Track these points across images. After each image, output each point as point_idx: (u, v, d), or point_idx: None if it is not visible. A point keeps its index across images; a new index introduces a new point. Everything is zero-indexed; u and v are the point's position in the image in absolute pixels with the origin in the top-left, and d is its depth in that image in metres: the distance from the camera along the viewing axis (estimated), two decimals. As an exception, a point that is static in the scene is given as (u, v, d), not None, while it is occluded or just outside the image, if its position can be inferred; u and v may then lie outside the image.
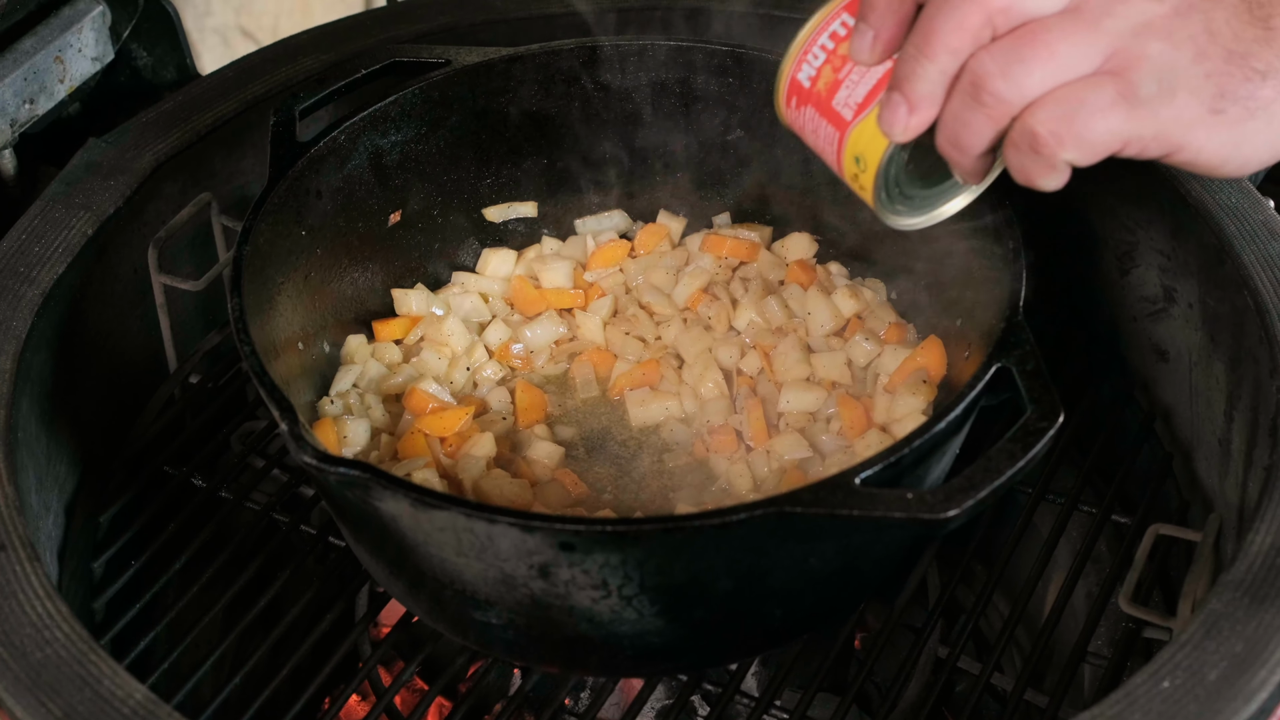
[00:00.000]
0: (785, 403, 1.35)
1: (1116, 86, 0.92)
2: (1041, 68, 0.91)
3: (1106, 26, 0.92)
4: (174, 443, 1.45)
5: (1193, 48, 0.92)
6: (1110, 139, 0.93)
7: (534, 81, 1.45)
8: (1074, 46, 0.92)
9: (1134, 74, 0.92)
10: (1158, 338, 1.47)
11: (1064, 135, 0.92)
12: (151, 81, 1.62)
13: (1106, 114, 0.92)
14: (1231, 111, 0.93)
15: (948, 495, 1.00)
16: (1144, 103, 0.92)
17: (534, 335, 1.44)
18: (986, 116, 0.94)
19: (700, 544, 1.05)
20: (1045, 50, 0.91)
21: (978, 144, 0.96)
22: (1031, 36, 0.91)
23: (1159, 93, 0.92)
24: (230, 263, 1.22)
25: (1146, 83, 0.92)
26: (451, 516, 1.04)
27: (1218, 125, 0.94)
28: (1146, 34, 0.92)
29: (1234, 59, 0.92)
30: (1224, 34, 0.92)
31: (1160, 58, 0.92)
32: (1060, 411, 1.04)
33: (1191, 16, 0.92)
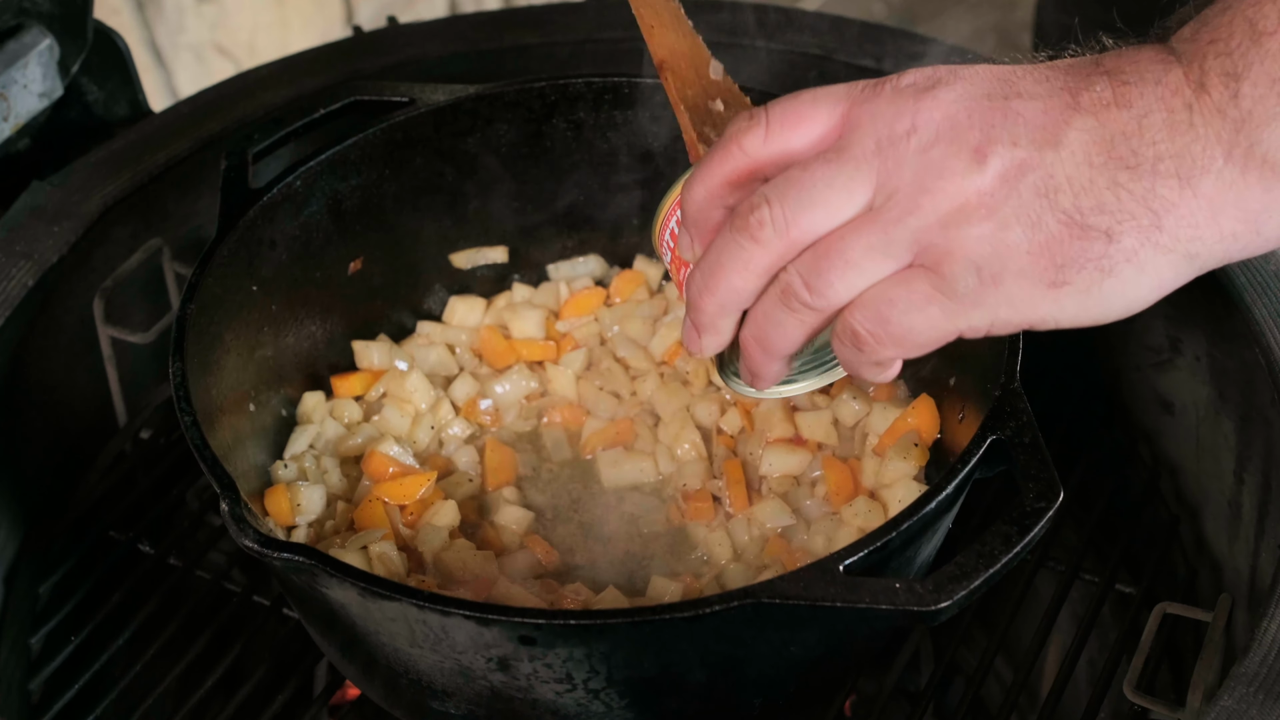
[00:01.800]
0: (767, 465, 1.29)
1: (930, 281, 0.85)
2: (840, 277, 0.87)
3: (907, 223, 0.85)
4: (122, 503, 1.40)
5: (1021, 220, 0.82)
6: (933, 334, 0.88)
7: (504, 121, 1.39)
8: (870, 250, 0.86)
9: (946, 268, 0.84)
10: (1162, 389, 1.41)
11: (881, 335, 0.88)
12: (103, 118, 1.56)
13: (923, 310, 0.86)
14: (1078, 280, 0.83)
15: (938, 585, 0.94)
16: (964, 295, 0.85)
17: (504, 391, 1.38)
18: (798, 320, 0.91)
19: (671, 636, 0.99)
20: (840, 260, 0.87)
21: (785, 346, 0.93)
22: (827, 247, 0.87)
23: (980, 282, 0.84)
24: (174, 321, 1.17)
25: (962, 276, 0.84)
26: (402, 608, 0.99)
27: (1065, 296, 0.84)
28: (959, 220, 0.83)
29: (1074, 223, 0.82)
30: (1065, 192, 0.82)
31: (976, 245, 0.83)
32: (1060, 490, 0.98)
33: (1022, 182, 0.82)
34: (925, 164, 0.84)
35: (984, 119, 0.83)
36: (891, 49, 1.52)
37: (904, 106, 0.85)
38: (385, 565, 1.18)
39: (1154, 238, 0.81)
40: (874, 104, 0.87)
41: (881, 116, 0.86)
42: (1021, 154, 0.82)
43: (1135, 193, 0.80)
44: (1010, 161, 0.82)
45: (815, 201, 0.87)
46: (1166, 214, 0.81)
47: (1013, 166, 0.82)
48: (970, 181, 0.83)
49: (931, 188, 0.83)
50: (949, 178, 0.83)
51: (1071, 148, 0.81)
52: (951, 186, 0.83)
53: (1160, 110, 0.81)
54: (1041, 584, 1.36)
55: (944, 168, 0.83)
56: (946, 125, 0.84)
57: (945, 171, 0.83)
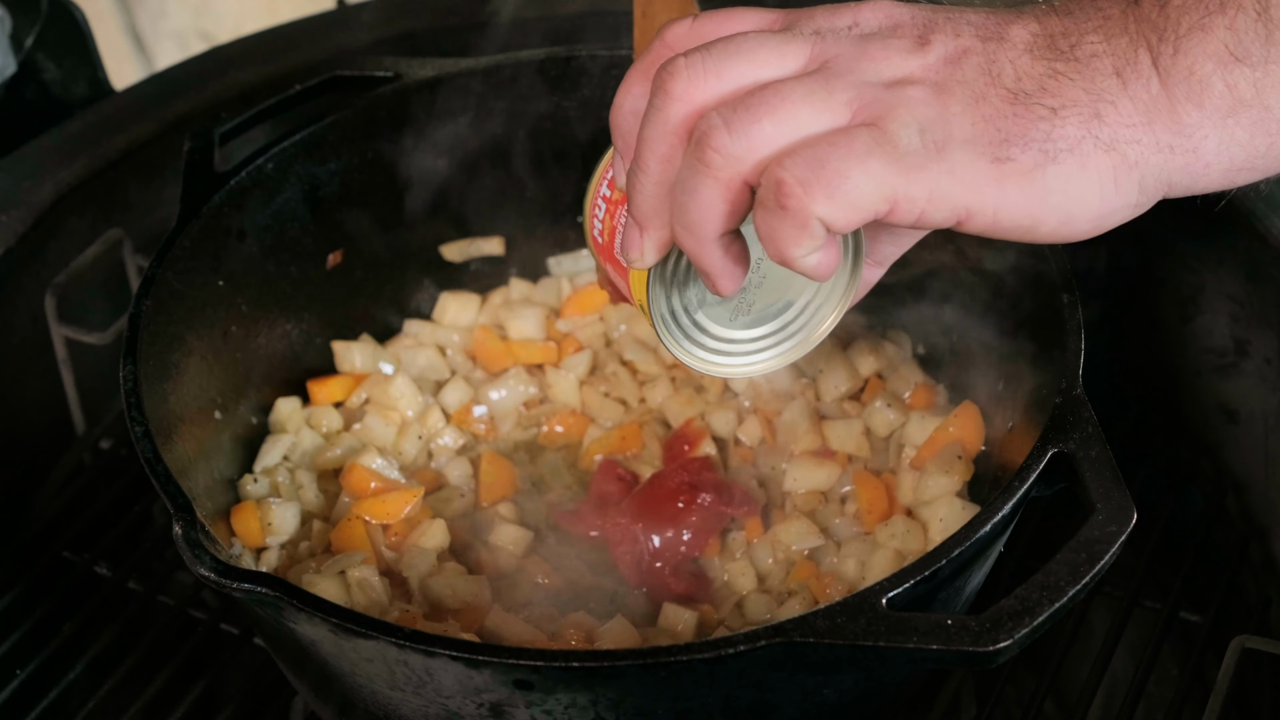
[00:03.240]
0: (791, 480, 1.21)
1: (872, 134, 0.80)
2: (771, 117, 0.81)
3: (850, 79, 0.82)
4: (79, 521, 1.34)
5: (965, 92, 0.81)
6: (870, 190, 0.79)
7: (498, 98, 1.33)
8: (810, 94, 0.81)
9: (890, 123, 0.80)
10: (1226, 396, 1.33)
11: (812, 182, 0.79)
12: (61, 98, 1.50)
13: (864, 160, 0.79)
14: (1022, 158, 0.80)
15: (996, 623, 0.85)
16: (907, 154, 0.80)
17: (499, 397, 1.31)
18: (713, 179, 0.82)
19: (689, 680, 0.90)
20: (776, 99, 0.81)
21: (710, 218, 0.84)
22: (761, 91, 0.82)
23: (924, 145, 0.80)
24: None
25: (906, 132, 0.80)
26: (380, 646, 0.91)
27: (1008, 177, 0.81)
28: (904, 84, 0.82)
29: (1020, 98, 0.81)
30: (1007, 73, 0.82)
31: (920, 106, 0.81)
32: (1133, 513, 0.90)
33: (965, 62, 0.82)
34: (866, 42, 0.84)
35: (926, 18, 0.85)
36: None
37: (843, 9, 0.86)
38: (366, 593, 1.10)
39: (1094, 129, 0.80)
40: (811, 11, 0.87)
41: (820, 14, 0.86)
42: (965, 42, 0.83)
43: (1076, 80, 0.81)
44: (954, 47, 0.83)
45: (740, 54, 0.83)
46: (1106, 106, 0.81)
47: (956, 50, 0.83)
48: (913, 58, 0.83)
49: (874, 56, 0.83)
50: (892, 51, 0.83)
51: (1013, 40, 0.83)
52: (895, 58, 0.83)
53: (1096, 17, 0.83)
54: (1094, 614, 1.27)
55: (886, 45, 0.83)
56: (889, 22, 0.85)
57: (888, 48, 0.83)
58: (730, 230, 0.84)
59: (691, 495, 1.17)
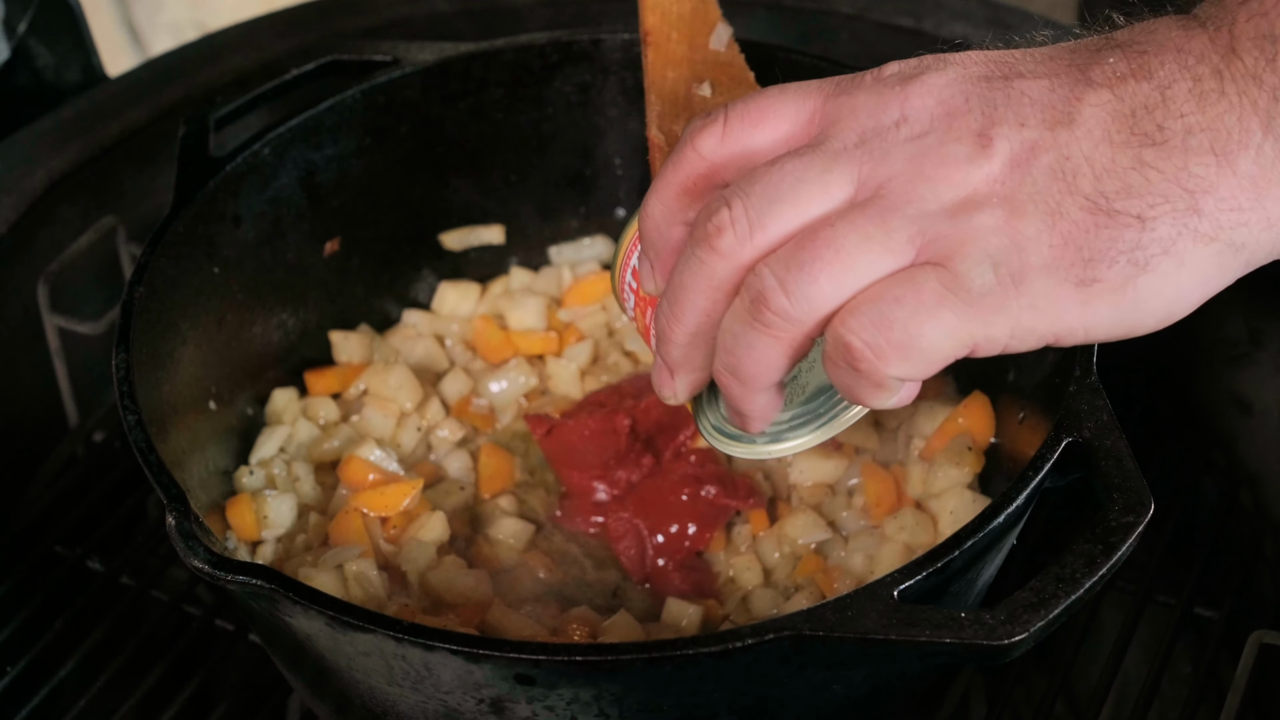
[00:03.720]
0: (798, 473, 1.19)
1: (940, 279, 0.75)
2: (827, 271, 0.76)
3: (908, 212, 0.75)
4: (71, 515, 1.32)
5: (1039, 208, 0.74)
6: (946, 344, 0.75)
7: (500, 83, 1.31)
8: (867, 240, 0.75)
9: (958, 263, 0.74)
10: (1240, 387, 1.32)
11: (883, 347, 0.75)
12: (54, 84, 1.48)
13: (935, 314, 0.74)
14: (1109, 276, 0.74)
15: (1011, 616, 0.83)
16: (982, 296, 0.74)
17: (500, 388, 1.29)
18: (773, 339, 0.79)
19: (695, 676, 0.88)
20: (830, 250, 0.75)
21: (764, 374, 0.81)
22: (812, 236, 0.76)
23: (999, 281, 0.74)
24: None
25: (979, 270, 0.74)
26: (378, 640, 0.89)
27: (1096, 297, 0.75)
28: (968, 209, 0.75)
29: (1099, 209, 0.74)
30: (1085, 175, 0.74)
31: (990, 236, 0.74)
32: (1150, 502, 0.87)
33: (1035, 165, 0.74)
34: (920, 151, 0.76)
35: (984, 101, 0.76)
36: (931, 6, 1.41)
37: (889, 95, 0.78)
38: (363, 587, 1.08)
39: (1192, 224, 0.73)
40: (853, 96, 0.80)
41: (863, 108, 0.79)
42: (1031, 135, 0.75)
43: (1166, 172, 0.73)
44: (1019, 144, 0.75)
45: (783, 198, 0.78)
46: (1204, 196, 0.73)
47: (1023, 149, 0.75)
48: (976, 169, 0.75)
49: (932, 175, 0.75)
50: (951, 165, 0.75)
51: (1088, 125, 0.74)
52: (956, 174, 0.75)
53: (1185, 79, 0.74)
54: (1105, 611, 1.26)
55: (944, 154, 0.76)
56: (941, 111, 0.77)
57: (946, 158, 0.75)
58: (781, 380, 0.82)
59: (695, 488, 1.15)
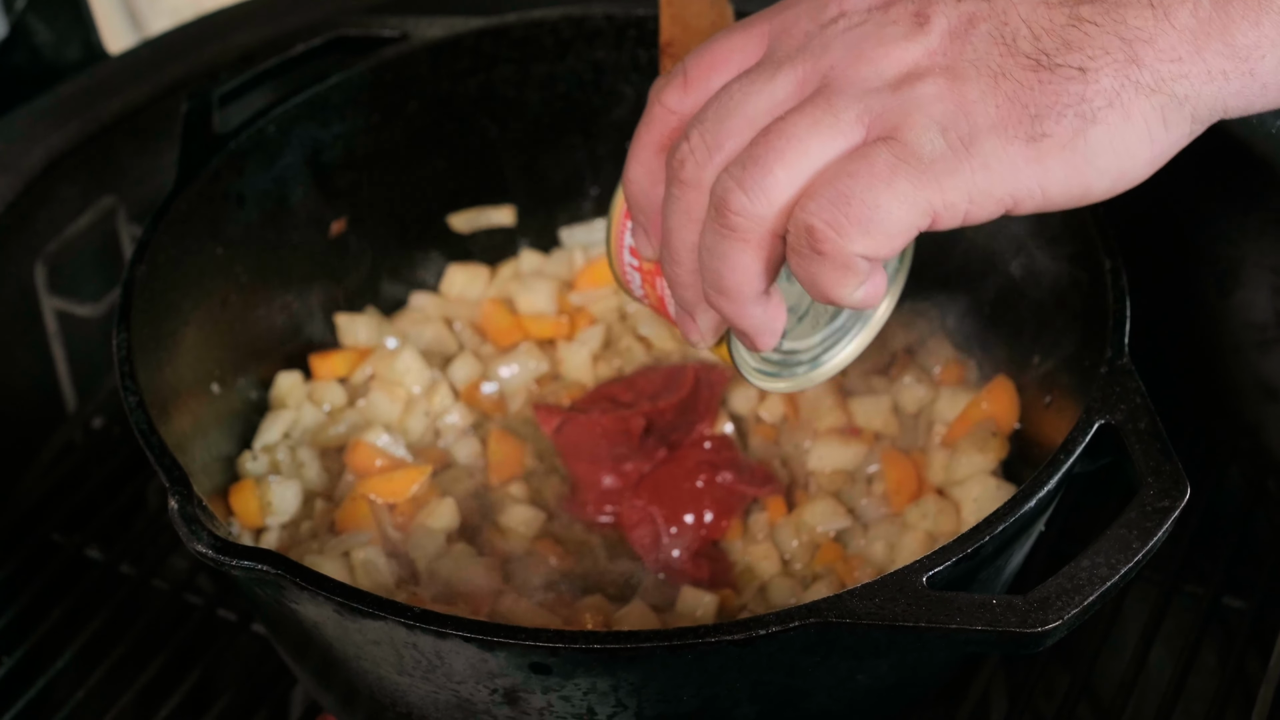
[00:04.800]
0: (816, 459, 1.17)
1: (891, 149, 0.76)
2: (781, 162, 0.77)
3: (851, 92, 0.77)
4: (69, 502, 1.31)
5: (981, 72, 0.75)
6: (905, 212, 0.75)
7: (511, 60, 1.29)
8: (815, 124, 0.77)
9: (905, 131, 0.75)
10: (1267, 373, 1.28)
11: (843, 222, 0.76)
12: (54, 62, 1.46)
13: (890, 183, 0.75)
14: (1058, 131, 0.75)
15: (1044, 603, 0.81)
16: (933, 161, 0.75)
17: (510, 373, 1.27)
18: (741, 242, 0.79)
19: (717, 664, 0.86)
20: (781, 141, 0.77)
21: (745, 282, 0.81)
22: (765, 134, 0.78)
23: (949, 146, 0.75)
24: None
25: (927, 137, 0.75)
26: (388, 628, 0.86)
27: (1047, 154, 0.75)
28: (911, 81, 0.76)
29: (1043, 64, 0.75)
30: (1023, 36, 0.75)
31: (935, 102, 0.76)
32: (1186, 486, 0.85)
33: (973, 33, 0.76)
34: (860, 37, 0.78)
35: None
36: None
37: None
38: (370, 575, 1.06)
39: (1134, 75, 0.74)
40: (795, 7, 0.83)
41: (805, 14, 0.82)
42: (967, 7, 0.77)
43: (1103, 25, 0.74)
44: (956, 16, 0.77)
45: (733, 113, 0.80)
46: (1143, 46, 0.74)
47: (960, 21, 0.76)
48: (915, 44, 0.77)
49: (871, 56, 0.77)
50: (890, 44, 0.77)
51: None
52: (895, 51, 0.77)
53: None
54: (1129, 603, 1.23)
55: (882, 35, 0.78)
56: (878, 1, 0.79)
57: (884, 39, 0.77)
58: (767, 287, 0.82)
59: (710, 474, 1.13)
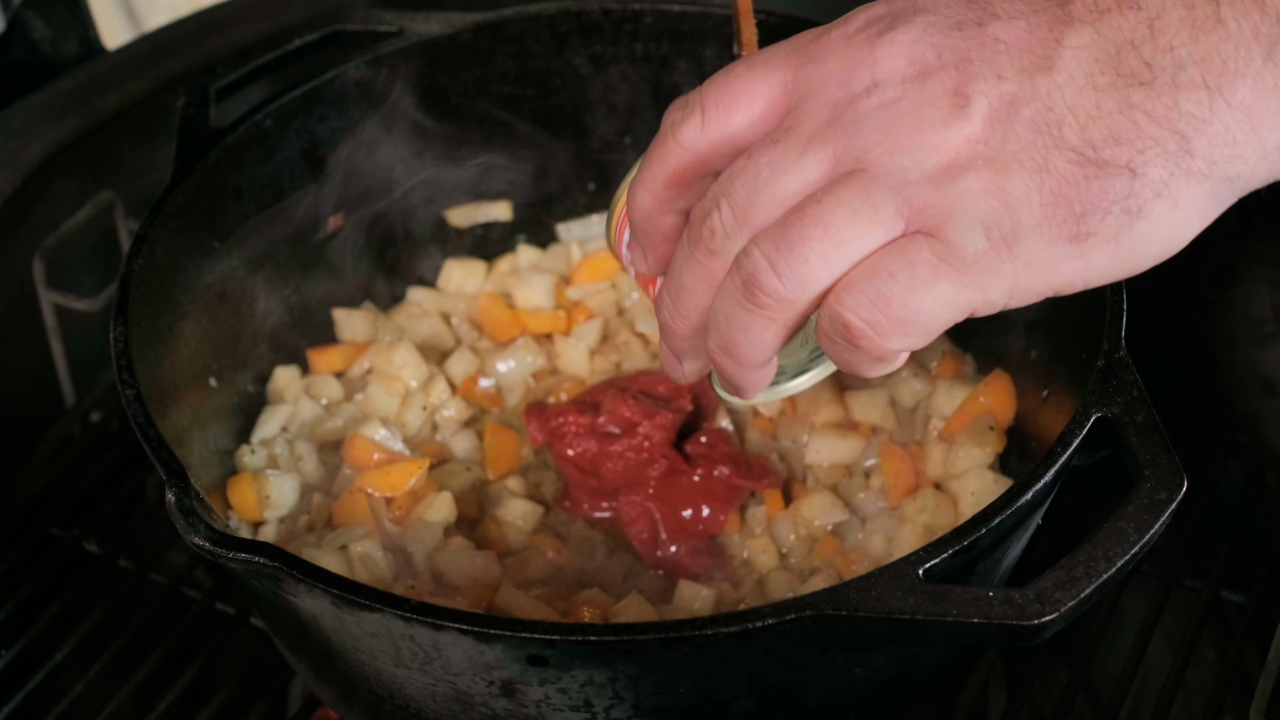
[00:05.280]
0: (814, 453, 1.17)
1: (933, 249, 0.73)
2: (817, 249, 0.75)
3: (890, 183, 0.74)
4: (67, 496, 1.31)
5: (1026, 166, 0.72)
6: (944, 314, 0.75)
7: (507, 55, 1.28)
8: (854, 215, 0.74)
9: (948, 231, 0.73)
10: (1265, 368, 1.29)
11: (883, 323, 0.75)
12: (51, 57, 1.45)
13: (931, 285, 0.73)
14: (1103, 229, 0.72)
15: (1041, 595, 0.81)
16: (976, 262, 0.73)
17: (507, 368, 1.26)
18: (767, 320, 0.79)
19: (714, 656, 0.86)
20: (817, 228, 0.74)
21: (758, 353, 0.81)
22: (799, 215, 0.75)
23: (991, 245, 0.73)
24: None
25: (969, 238, 0.73)
26: (385, 620, 0.86)
27: (1092, 249, 0.73)
28: (951, 174, 0.73)
29: (1087, 160, 0.71)
30: (1070, 125, 0.72)
31: (978, 200, 0.72)
32: (1184, 479, 0.85)
33: (1016, 118, 0.72)
34: (896, 119, 0.74)
35: (957, 55, 0.74)
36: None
37: (857, 60, 0.76)
38: (368, 568, 1.06)
39: (1184, 164, 0.71)
40: (822, 65, 0.78)
41: (832, 78, 0.77)
42: (1010, 87, 0.72)
43: (1154, 114, 0.70)
44: (998, 98, 0.72)
45: (763, 189, 0.77)
46: (1196, 134, 0.70)
47: (1002, 104, 0.72)
48: (955, 131, 0.73)
49: (909, 144, 0.74)
50: (928, 130, 0.73)
51: (1069, 70, 0.72)
52: (934, 139, 0.73)
53: (1177, 7, 0.71)
54: (1128, 597, 1.22)
55: (920, 120, 0.74)
56: (913, 72, 0.75)
57: (922, 124, 0.73)
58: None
59: (708, 469, 1.13)
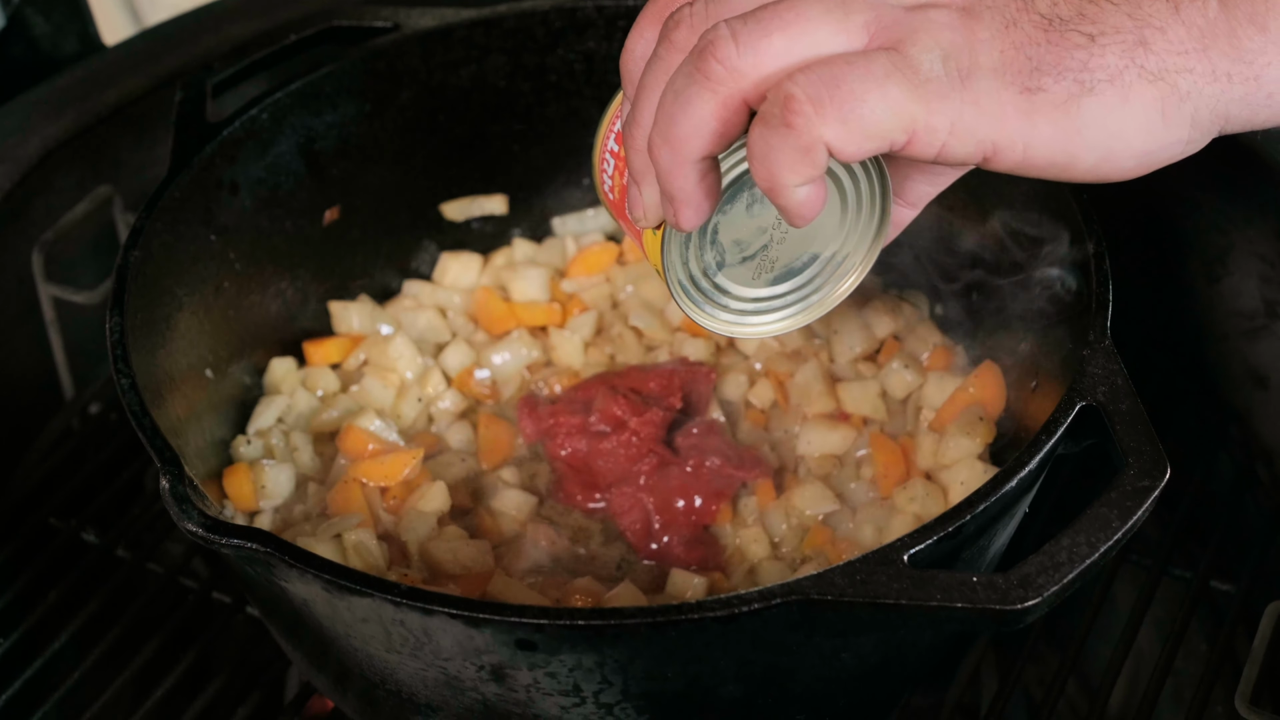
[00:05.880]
0: (805, 444, 1.17)
1: (891, 58, 0.74)
2: (783, 32, 0.75)
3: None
4: (66, 487, 1.31)
5: (995, 17, 0.76)
6: (887, 115, 0.74)
7: (502, 50, 1.29)
8: (826, 13, 0.75)
9: (911, 47, 0.75)
10: (1255, 361, 1.28)
11: (825, 100, 0.73)
12: (51, 54, 1.44)
13: (882, 83, 0.73)
14: (1054, 89, 0.75)
15: (1024, 581, 0.81)
16: (928, 81, 0.74)
17: (502, 360, 1.26)
18: (710, 92, 0.76)
19: (701, 641, 0.87)
20: (790, 13, 0.75)
21: (694, 131, 0.77)
22: (773, 6, 0.76)
23: (947, 72, 0.75)
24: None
25: (929, 58, 0.75)
26: (376, 605, 0.87)
27: (1038, 110, 0.75)
28: (928, 7, 0.76)
29: (1055, 25, 0.75)
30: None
31: (944, 30, 0.75)
32: (1166, 466, 0.85)
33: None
34: None
35: None
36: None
37: None
38: (362, 557, 1.06)
39: (1139, 58, 0.75)
40: None
41: None
42: None
43: (1120, 6, 0.75)
44: None
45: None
46: (1154, 33, 0.75)
47: None
48: None
49: None
50: None
51: None
52: None
53: None
54: (1118, 586, 1.23)
55: None
56: None
57: None
58: (713, 154, 0.79)
59: (699, 459, 1.13)
